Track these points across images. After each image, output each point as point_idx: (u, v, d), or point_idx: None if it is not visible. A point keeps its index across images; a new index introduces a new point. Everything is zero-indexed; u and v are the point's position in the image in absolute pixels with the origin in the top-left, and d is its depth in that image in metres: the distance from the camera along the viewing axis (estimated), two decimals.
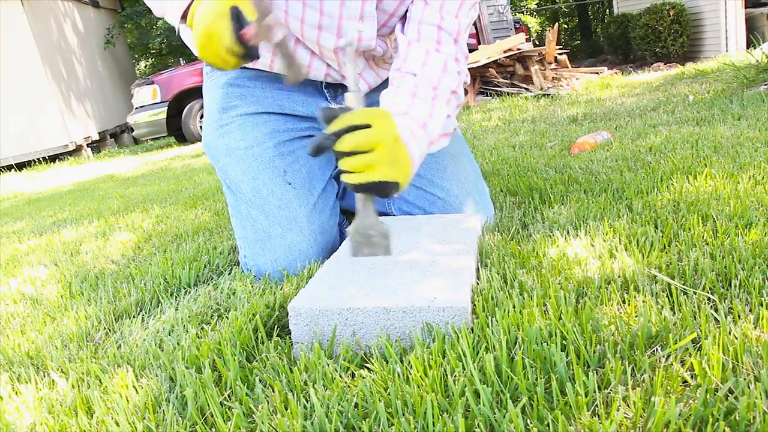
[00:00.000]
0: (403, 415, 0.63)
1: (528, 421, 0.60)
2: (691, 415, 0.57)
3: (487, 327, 0.77)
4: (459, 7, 1.08)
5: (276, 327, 0.93)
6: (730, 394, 0.60)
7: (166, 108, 6.63)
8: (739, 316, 0.73)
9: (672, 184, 1.35)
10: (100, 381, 0.82)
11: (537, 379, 0.65)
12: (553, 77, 5.17)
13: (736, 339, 0.68)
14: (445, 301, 0.80)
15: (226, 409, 0.71)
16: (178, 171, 3.98)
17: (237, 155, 1.24)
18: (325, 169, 1.27)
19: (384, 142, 0.85)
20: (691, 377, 0.64)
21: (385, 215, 1.31)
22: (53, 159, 7.88)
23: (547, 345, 0.70)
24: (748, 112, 2.22)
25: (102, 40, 10.21)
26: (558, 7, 16.67)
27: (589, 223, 1.16)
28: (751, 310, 0.76)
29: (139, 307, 1.14)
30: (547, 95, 4.59)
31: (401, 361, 0.75)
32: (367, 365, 0.76)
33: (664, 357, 0.68)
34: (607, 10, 12.73)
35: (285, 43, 0.89)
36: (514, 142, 2.51)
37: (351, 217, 1.46)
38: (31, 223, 2.58)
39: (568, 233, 1.13)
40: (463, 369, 0.70)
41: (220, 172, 1.29)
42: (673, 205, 1.20)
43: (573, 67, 5.99)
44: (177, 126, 6.86)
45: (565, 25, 17.54)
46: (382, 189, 0.86)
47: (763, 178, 1.29)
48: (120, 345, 0.96)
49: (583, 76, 5.36)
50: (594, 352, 0.69)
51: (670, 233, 1.04)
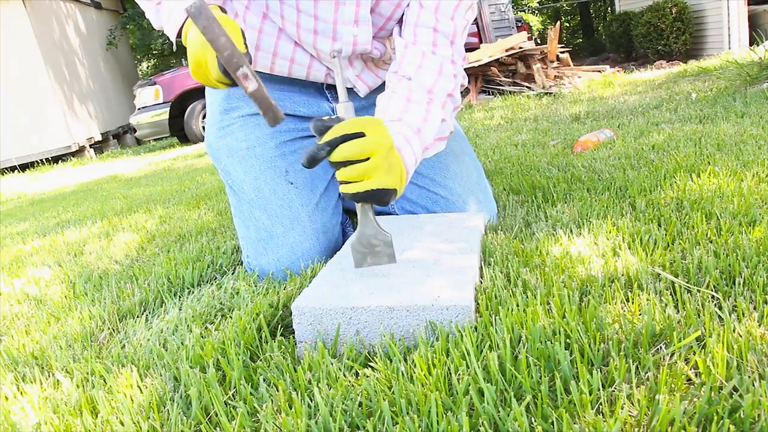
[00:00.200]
0: (407, 413, 0.64)
1: (532, 419, 0.60)
2: (695, 413, 0.57)
3: (491, 325, 0.77)
4: (455, 9, 1.07)
5: (279, 326, 0.93)
6: (735, 392, 0.60)
7: (169, 108, 6.64)
8: (743, 314, 0.73)
9: (675, 182, 1.35)
10: (104, 381, 0.82)
11: (541, 378, 0.65)
12: (555, 76, 5.16)
13: (741, 337, 0.68)
14: (448, 300, 0.80)
15: (231, 409, 0.72)
16: (181, 171, 3.99)
17: (239, 156, 1.24)
18: (327, 168, 1.27)
19: (378, 149, 0.85)
20: (696, 375, 0.64)
21: (388, 214, 1.32)
22: (56, 160, 7.90)
23: (551, 343, 0.70)
24: (751, 109, 2.21)
25: (104, 41, 10.24)
26: (560, 5, 16.64)
27: (593, 221, 1.16)
28: (755, 308, 0.75)
29: (142, 307, 1.14)
30: (550, 94, 4.59)
31: (405, 360, 0.76)
32: (371, 364, 0.76)
33: (668, 355, 0.68)
34: (609, 8, 12.70)
35: (259, 93, 0.88)
36: (517, 141, 2.51)
37: (353, 217, 1.46)
38: (35, 223, 2.59)
39: (572, 232, 1.13)
40: (467, 367, 0.70)
41: (222, 172, 1.29)
42: (677, 203, 1.20)
43: (575, 65, 5.98)
44: (179, 126, 6.87)
45: (567, 24, 17.51)
46: (381, 196, 0.86)
47: (766, 176, 1.29)
48: (124, 345, 0.96)
49: (586, 75, 5.35)
50: (598, 351, 0.69)
51: (673, 231, 1.04)
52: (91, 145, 8.35)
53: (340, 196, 1.32)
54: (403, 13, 1.12)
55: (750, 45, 5.92)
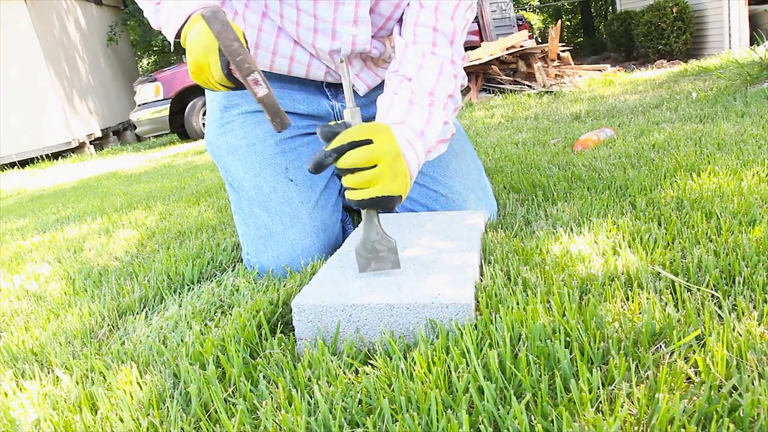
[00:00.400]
0: (407, 411, 0.64)
1: (532, 417, 0.60)
2: (695, 411, 0.57)
3: (491, 323, 0.77)
4: (454, 9, 1.07)
5: (279, 323, 0.93)
6: (734, 391, 0.60)
7: (169, 105, 6.64)
8: (743, 313, 0.73)
9: (675, 182, 1.35)
10: (104, 377, 0.82)
11: (541, 376, 0.65)
12: (555, 74, 5.16)
13: (740, 336, 0.68)
14: (448, 298, 0.80)
15: (230, 406, 0.72)
16: (181, 168, 3.98)
17: (239, 153, 1.24)
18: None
19: (385, 157, 0.85)
20: (695, 374, 0.64)
21: (388, 212, 1.31)
22: (56, 156, 7.89)
23: (550, 342, 0.70)
24: (751, 109, 2.21)
25: (104, 37, 10.22)
26: (561, 4, 16.63)
27: (593, 220, 1.16)
28: (755, 307, 0.75)
29: (142, 304, 1.14)
30: (550, 92, 4.58)
31: (405, 358, 0.76)
32: (371, 362, 0.76)
33: (668, 354, 0.68)
34: (610, 7, 12.70)
35: (269, 99, 0.88)
36: (517, 139, 2.50)
37: (353, 214, 1.46)
38: (35, 220, 2.59)
39: (572, 230, 1.13)
40: (467, 365, 0.70)
41: (222, 169, 1.29)
42: (677, 203, 1.20)
43: (576, 64, 5.97)
44: (180, 123, 6.86)
45: (568, 23, 17.50)
46: (386, 203, 0.86)
47: (766, 175, 1.29)
48: (124, 341, 0.96)
49: (586, 74, 5.35)
50: (598, 349, 0.69)
51: (673, 230, 1.04)
52: (91, 142, 8.34)
53: (340, 193, 1.31)
54: (402, 13, 1.12)
55: (750, 45, 5.92)
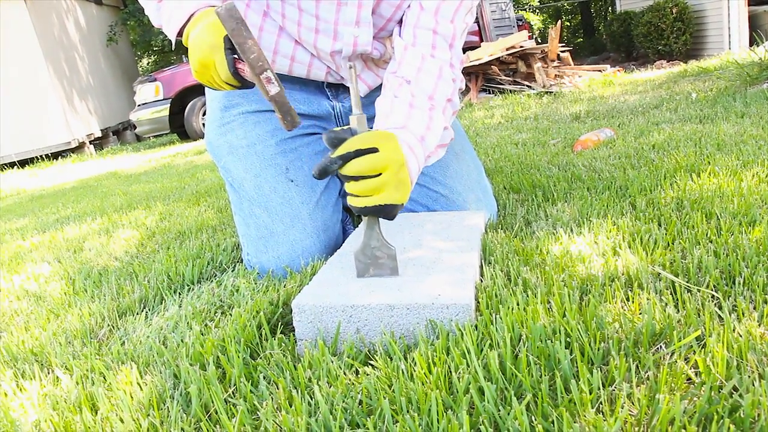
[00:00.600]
0: (407, 412, 0.64)
1: (532, 418, 0.60)
2: (695, 412, 0.57)
3: (491, 324, 0.78)
4: (455, 12, 1.07)
5: (280, 324, 0.93)
6: (735, 392, 0.60)
7: (169, 105, 6.63)
8: (743, 314, 0.73)
9: (675, 182, 1.35)
10: (104, 378, 0.82)
11: (541, 377, 0.65)
12: (555, 75, 5.16)
13: (741, 336, 0.68)
14: (449, 298, 0.80)
15: (231, 406, 0.72)
16: (181, 168, 3.98)
17: (239, 153, 1.24)
18: None
19: (390, 166, 0.85)
20: (696, 375, 0.64)
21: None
22: (56, 156, 7.89)
23: (551, 342, 0.70)
24: (751, 109, 2.21)
25: (104, 37, 10.21)
26: (560, 4, 16.63)
27: (593, 220, 1.16)
28: (755, 308, 0.75)
29: (142, 304, 1.14)
30: (550, 93, 4.58)
31: (405, 358, 0.76)
32: (371, 362, 0.76)
33: (668, 354, 0.68)
34: (610, 8, 12.70)
35: (280, 97, 0.88)
36: (517, 140, 2.51)
37: (353, 215, 1.46)
38: (34, 220, 2.59)
39: (572, 231, 1.13)
40: (468, 366, 0.70)
41: (222, 170, 1.29)
42: (677, 203, 1.20)
43: (575, 64, 5.97)
44: (179, 123, 6.86)
45: (568, 23, 17.50)
46: (388, 211, 0.86)
47: (766, 176, 1.29)
48: (124, 342, 0.96)
49: (586, 74, 5.35)
50: (598, 350, 0.69)
51: (673, 231, 1.04)
52: (90, 142, 8.33)
53: (340, 193, 1.31)
54: (402, 14, 1.12)
55: (750, 45, 5.92)
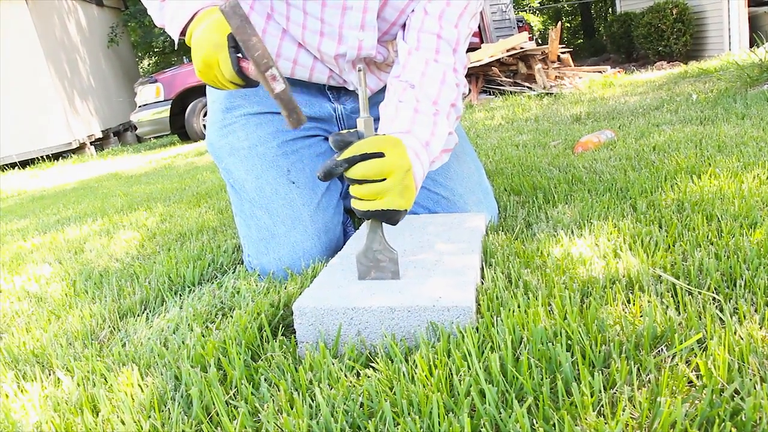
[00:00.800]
0: (408, 414, 0.64)
1: (534, 421, 0.60)
2: (697, 415, 0.57)
3: (492, 326, 0.78)
4: (459, 16, 1.08)
5: (281, 326, 0.93)
6: (736, 395, 0.60)
7: (170, 106, 6.64)
8: (744, 317, 0.73)
9: (676, 184, 1.35)
10: (105, 379, 0.82)
11: (542, 379, 0.65)
12: (556, 76, 5.16)
13: (742, 339, 0.68)
14: (450, 301, 0.80)
15: (232, 408, 0.72)
16: (182, 169, 3.98)
17: (241, 154, 1.24)
18: None
19: (396, 171, 0.85)
20: (697, 378, 0.64)
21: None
22: (56, 157, 7.89)
23: (552, 345, 0.70)
24: (751, 111, 2.21)
25: (105, 38, 10.22)
26: (561, 5, 16.64)
27: (594, 222, 1.16)
28: (756, 310, 0.75)
29: (143, 306, 1.14)
30: (550, 94, 4.58)
31: (406, 361, 0.76)
32: (372, 365, 0.76)
33: (669, 357, 0.68)
34: (610, 9, 12.70)
35: (285, 95, 0.88)
36: (518, 141, 2.51)
37: (354, 217, 1.46)
38: (35, 220, 2.59)
39: (573, 233, 1.13)
40: (469, 368, 0.70)
41: (223, 171, 1.29)
42: (678, 205, 1.20)
43: (576, 65, 5.97)
44: (180, 124, 6.86)
45: (568, 24, 17.51)
46: (390, 216, 0.86)
47: (767, 178, 1.29)
48: (125, 343, 0.96)
49: (586, 75, 5.35)
50: (599, 352, 0.69)
51: (674, 233, 1.04)
52: (91, 143, 8.34)
53: (342, 195, 1.32)
54: (406, 19, 1.12)
55: (750, 47, 5.92)
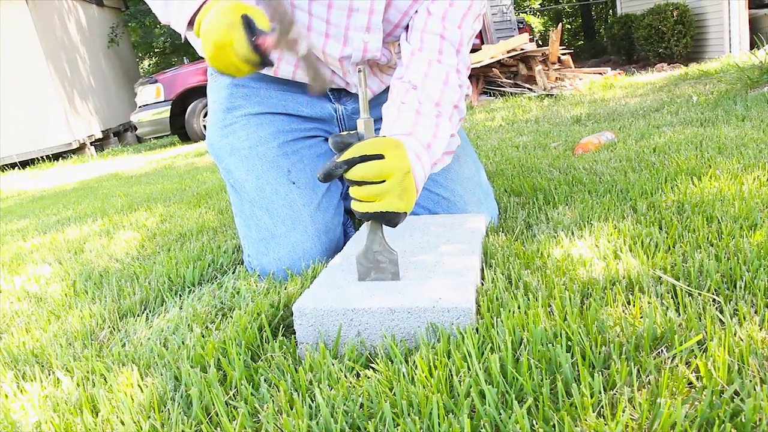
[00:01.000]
0: (408, 415, 0.64)
1: (534, 422, 0.60)
2: (697, 416, 0.57)
3: (492, 327, 0.78)
4: (462, 17, 1.08)
5: (281, 326, 0.93)
6: (736, 396, 0.60)
7: (170, 106, 6.64)
8: (744, 318, 0.73)
9: (676, 185, 1.35)
10: (105, 379, 0.82)
11: (542, 380, 0.65)
12: (556, 77, 5.17)
13: (742, 341, 0.68)
14: (450, 302, 0.80)
15: (232, 409, 0.72)
16: (182, 170, 3.99)
17: (241, 155, 1.24)
18: None
19: (395, 173, 0.84)
20: (697, 379, 0.64)
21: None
22: (57, 157, 7.89)
23: (552, 346, 0.70)
24: (752, 113, 2.21)
25: (106, 38, 10.23)
26: (561, 7, 16.65)
27: (594, 223, 1.16)
28: (756, 312, 0.75)
29: (143, 306, 1.14)
30: (551, 95, 4.59)
31: (406, 362, 0.76)
32: (372, 365, 0.76)
33: (669, 358, 0.68)
34: (611, 11, 12.71)
35: (310, 56, 0.88)
36: (518, 143, 2.51)
37: (355, 218, 1.46)
38: (35, 221, 2.59)
39: (573, 234, 1.13)
40: (469, 369, 0.70)
41: (224, 171, 1.29)
42: (678, 207, 1.20)
43: (576, 67, 5.98)
44: (180, 124, 6.87)
45: (569, 26, 17.51)
46: (390, 218, 0.86)
47: (767, 179, 1.29)
48: (125, 344, 0.96)
49: (587, 77, 5.35)
50: (599, 353, 0.69)
51: (674, 234, 1.04)
52: (91, 143, 8.34)
53: (342, 195, 1.32)
54: (409, 20, 1.12)
55: (750, 49, 5.92)
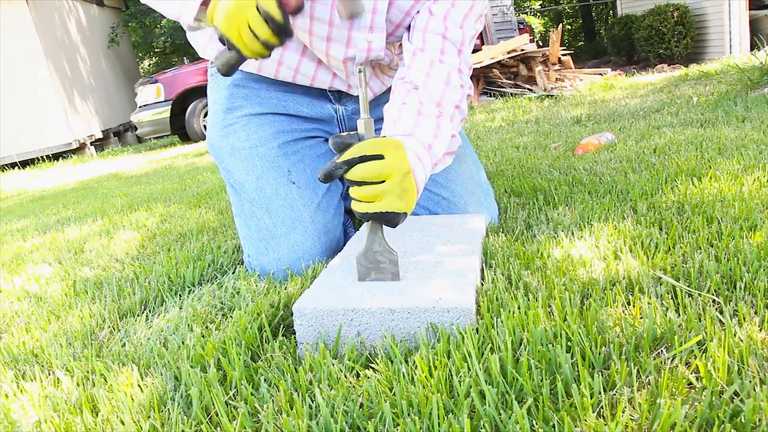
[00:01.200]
0: (408, 415, 0.64)
1: (533, 422, 0.60)
2: (696, 417, 0.57)
3: (492, 328, 0.78)
4: (464, 17, 1.08)
5: (281, 326, 0.93)
6: (736, 397, 0.60)
7: (170, 107, 6.64)
8: (744, 319, 0.73)
9: (676, 186, 1.35)
10: (105, 379, 0.82)
11: (542, 380, 0.65)
12: (556, 78, 5.17)
13: (742, 341, 0.68)
14: (450, 302, 0.80)
15: (232, 409, 0.72)
16: (182, 170, 3.99)
17: (241, 155, 1.24)
18: None
19: (395, 174, 0.85)
20: (697, 379, 0.64)
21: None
22: (57, 157, 7.90)
23: (552, 346, 0.70)
24: (752, 114, 2.21)
25: (106, 38, 10.23)
26: (562, 8, 16.65)
27: (594, 224, 1.16)
28: (756, 313, 0.75)
29: (143, 306, 1.14)
30: (551, 96, 4.59)
31: (406, 362, 0.76)
32: (372, 365, 0.76)
33: (669, 359, 0.68)
34: (611, 12, 12.72)
35: None
36: (518, 143, 2.51)
37: (355, 218, 1.46)
38: (35, 221, 2.59)
39: (573, 234, 1.13)
40: (469, 370, 0.70)
41: (224, 171, 1.29)
42: (678, 207, 1.20)
43: (576, 68, 5.98)
44: (180, 125, 6.87)
45: (569, 26, 17.51)
46: (390, 218, 0.86)
47: (767, 180, 1.29)
48: (124, 343, 0.96)
49: (587, 77, 5.36)
50: (599, 354, 0.69)
51: (674, 235, 1.04)
52: (92, 143, 8.34)
53: (342, 196, 1.32)
54: (411, 21, 1.12)
55: (751, 50, 5.92)
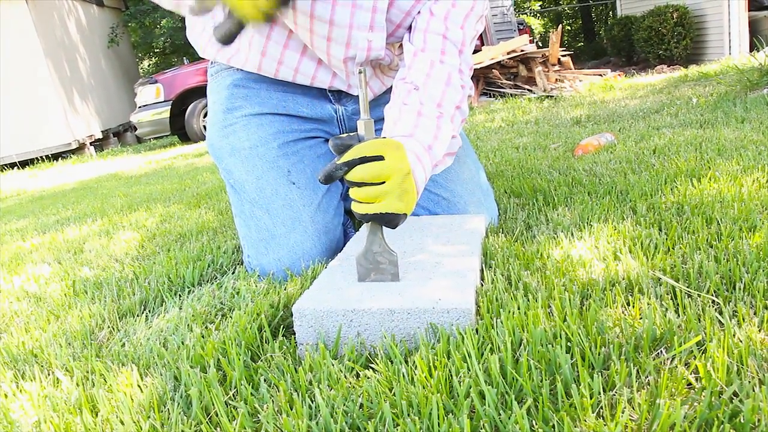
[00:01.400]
0: (408, 415, 0.64)
1: (533, 422, 0.60)
2: (696, 417, 0.57)
3: (492, 328, 0.78)
4: (465, 18, 1.08)
5: (281, 327, 0.93)
6: (735, 397, 0.60)
7: (170, 107, 6.64)
8: (743, 319, 0.73)
9: (676, 187, 1.35)
10: (104, 379, 0.82)
11: (542, 381, 0.65)
12: (556, 79, 5.17)
13: (741, 342, 0.68)
14: (449, 303, 0.80)
15: (231, 409, 0.72)
16: (182, 170, 3.99)
17: (241, 155, 1.24)
18: None
19: (395, 175, 0.85)
20: (696, 380, 0.64)
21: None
22: (56, 157, 7.89)
23: (551, 346, 0.70)
24: (751, 115, 2.21)
25: (106, 38, 10.23)
26: (561, 8, 16.66)
27: (593, 225, 1.16)
28: (755, 313, 0.76)
29: (143, 306, 1.14)
30: (551, 97, 4.59)
31: (406, 362, 0.76)
32: (372, 366, 0.76)
33: (668, 359, 0.68)
34: (611, 12, 12.73)
35: None
36: (518, 144, 2.51)
37: (355, 218, 1.46)
38: (35, 221, 2.59)
39: (572, 235, 1.13)
40: (468, 370, 0.70)
41: (224, 171, 1.29)
42: (677, 208, 1.20)
43: (576, 68, 5.99)
44: (180, 125, 6.87)
45: (569, 27, 17.52)
46: (390, 219, 0.86)
47: (767, 181, 1.29)
48: (124, 343, 0.96)
49: (587, 78, 5.36)
50: (599, 354, 0.69)
51: (674, 236, 1.04)
52: (91, 143, 8.34)
53: (342, 196, 1.32)
54: (412, 21, 1.12)
55: (750, 51, 5.93)
